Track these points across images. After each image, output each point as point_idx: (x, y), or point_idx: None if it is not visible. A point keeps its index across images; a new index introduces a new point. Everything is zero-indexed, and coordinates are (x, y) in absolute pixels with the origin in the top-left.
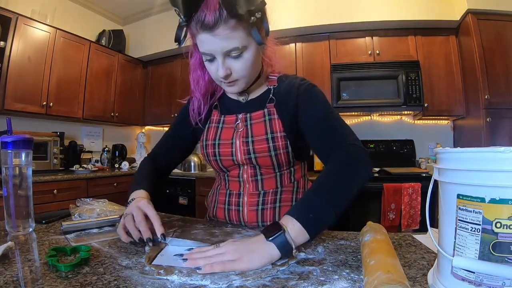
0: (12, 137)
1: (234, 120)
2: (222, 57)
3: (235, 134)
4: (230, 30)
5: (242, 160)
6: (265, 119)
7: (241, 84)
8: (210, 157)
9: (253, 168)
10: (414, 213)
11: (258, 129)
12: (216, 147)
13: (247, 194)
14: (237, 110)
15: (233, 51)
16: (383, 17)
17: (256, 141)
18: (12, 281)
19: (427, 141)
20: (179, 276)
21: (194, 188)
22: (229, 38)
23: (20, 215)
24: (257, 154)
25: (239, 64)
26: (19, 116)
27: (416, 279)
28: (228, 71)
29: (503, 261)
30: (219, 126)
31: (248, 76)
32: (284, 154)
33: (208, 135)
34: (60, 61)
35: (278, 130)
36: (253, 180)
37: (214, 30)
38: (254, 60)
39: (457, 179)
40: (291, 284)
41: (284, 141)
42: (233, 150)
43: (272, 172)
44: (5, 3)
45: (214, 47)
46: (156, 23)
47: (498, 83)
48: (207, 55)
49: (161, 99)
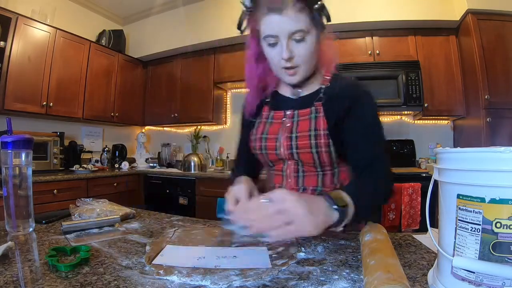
0: (12, 137)
1: (281, 116)
2: (286, 39)
3: (281, 130)
4: (297, 12)
5: (285, 154)
6: (311, 116)
7: (301, 73)
8: (257, 151)
9: (296, 164)
10: (414, 213)
11: (303, 125)
12: (263, 141)
13: (288, 188)
14: (286, 106)
15: (297, 33)
16: (383, 17)
17: (299, 137)
18: (12, 281)
19: (427, 141)
20: (179, 276)
21: (194, 188)
22: (295, 19)
23: (20, 215)
24: (299, 149)
25: (302, 48)
26: (19, 116)
27: (416, 279)
28: (291, 53)
29: (503, 261)
30: (268, 121)
31: (307, 63)
32: (326, 153)
33: (257, 129)
34: (60, 61)
35: (322, 128)
36: (295, 176)
37: (282, 10)
38: (314, 48)
39: (457, 179)
40: (291, 284)
41: (326, 139)
42: (277, 144)
43: (314, 170)
44: (5, 3)
45: (281, 27)
46: (156, 23)
47: (498, 83)
48: (271, 38)
49: (161, 99)
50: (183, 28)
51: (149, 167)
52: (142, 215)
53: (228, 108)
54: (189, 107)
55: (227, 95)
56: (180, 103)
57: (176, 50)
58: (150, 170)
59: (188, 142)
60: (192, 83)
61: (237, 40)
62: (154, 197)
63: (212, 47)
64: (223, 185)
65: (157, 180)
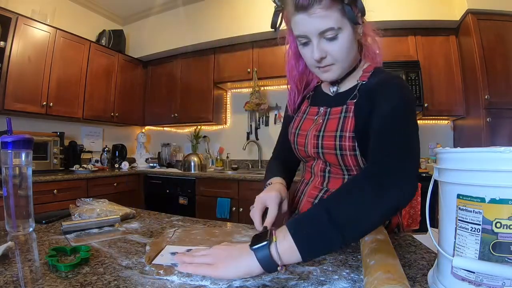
0: (12, 137)
1: (315, 113)
2: (317, 38)
3: (312, 126)
4: (325, 10)
5: (311, 152)
6: (340, 115)
7: (336, 70)
8: (292, 145)
9: (324, 164)
10: (414, 213)
11: (331, 124)
12: (296, 136)
13: (311, 186)
14: (322, 103)
15: (328, 32)
16: (383, 17)
17: (325, 136)
18: (12, 281)
19: (427, 141)
20: (179, 276)
21: (194, 188)
22: (324, 17)
23: (20, 215)
24: (324, 149)
25: (334, 47)
26: (19, 116)
27: (416, 279)
28: (323, 53)
29: (503, 261)
30: (304, 116)
31: (343, 61)
32: (351, 156)
33: (294, 123)
34: (60, 61)
35: (348, 129)
36: (322, 175)
37: (309, 9)
38: (349, 44)
39: (457, 179)
40: (291, 284)
41: (351, 142)
42: (306, 141)
43: (341, 172)
44: (5, 3)
45: (309, 27)
46: (156, 23)
47: (498, 83)
48: (302, 38)
49: (161, 99)
50: (183, 28)
51: (149, 167)
52: (142, 215)
53: (228, 108)
54: (189, 107)
55: (227, 95)
56: (180, 103)
57: (176, 50)
58: (150, 170)
59: (188, 142)
60: (192, 83)
61: (237, 40)
62: (154, 197)
63: (212, 47)
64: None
65: (157, 180)
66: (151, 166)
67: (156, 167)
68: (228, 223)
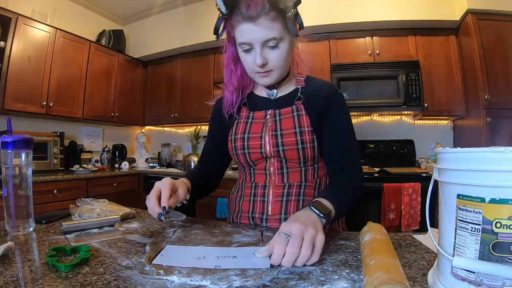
0: (12, 137)
1: (263, 116)
2: (260, 46)
3: (264, 128)
4: (270, 21)
5: (270, 152)
6: (293, 114)
7: (274, 76)
8: (238, 151)
9: (280, 162)
10: (414, 213)
11: (286, 123)
12: (245, 140)
13: (272, 186)
14: (266, 106)
15: (271, 41)
16: (383, 17)
17: (284, 134)
18: (12, 281)
19: (427, 141)
20: (179, 276)
21: None
22: (269, 28)
23: (20, 215)
24: (285, 147)
25: (275, 54)
26: (19, 116)
27: (416, 279)
28: (264, 60)
29: (503, 261)
30: (248, 121)
31: (281, 67)
32: (310, 149)
33: (237, 129)
34: (60, 61)
35: (306, 125)
36: (279, 173)
37: (256, 20)
38: (287, 53)
39: (457, 179)
40: (291, 284)
41: (311, 135)
42: (262, 143)
43: (298, 166)
44: (5, 3)
45: (255, 36)
46: (156, 23)
47: (498, 83)
48: (245, 45)
49: (161, 99)
50: (183, 28)
51: (149, 167)
52: (142, 215)
53: None
54: (189, 107)
55: None
56: (180, 103)
57: (176, 50)
58: (150, 170)
59: (188, 142)
60: (192, 83)
61: None
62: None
63: (212, 47)
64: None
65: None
66: (151, 166)
67: (156, 167)
68: (228, 223)
